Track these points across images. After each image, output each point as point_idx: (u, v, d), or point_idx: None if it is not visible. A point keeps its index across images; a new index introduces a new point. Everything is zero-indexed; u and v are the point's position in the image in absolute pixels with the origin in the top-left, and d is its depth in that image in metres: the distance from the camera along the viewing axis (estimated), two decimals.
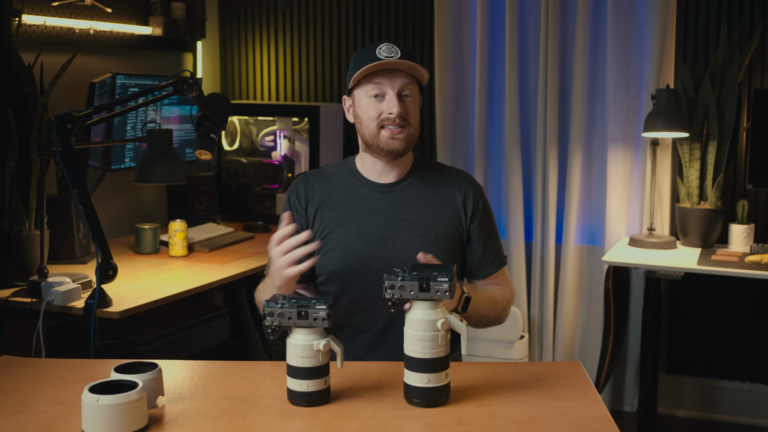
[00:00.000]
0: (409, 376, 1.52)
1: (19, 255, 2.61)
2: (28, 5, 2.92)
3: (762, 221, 3.37)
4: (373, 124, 1.91)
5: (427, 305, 1.51)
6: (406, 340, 1.52)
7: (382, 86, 1.90)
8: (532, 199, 3.63)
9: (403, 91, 1.91)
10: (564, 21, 3.51)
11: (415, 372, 1.51)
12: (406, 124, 1.91)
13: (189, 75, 2.35)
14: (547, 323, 3.60)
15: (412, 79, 1.92)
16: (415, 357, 1.51)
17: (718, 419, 3.55)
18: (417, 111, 1.95)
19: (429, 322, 1.50)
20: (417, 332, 1.50)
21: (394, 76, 1.89)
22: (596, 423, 1.49)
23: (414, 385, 1.52)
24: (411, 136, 1.93)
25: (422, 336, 1.50)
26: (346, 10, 3.91)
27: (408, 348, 1.52)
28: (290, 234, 1.74)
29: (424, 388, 1.51)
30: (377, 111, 1.90)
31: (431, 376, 1.51)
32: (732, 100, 3.16)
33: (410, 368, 1.52)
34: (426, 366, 1.50)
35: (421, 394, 1.52)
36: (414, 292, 1.50)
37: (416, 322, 1.51)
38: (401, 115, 1.89)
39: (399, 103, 1.89)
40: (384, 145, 1.92)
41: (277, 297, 1.56)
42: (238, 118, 3.88)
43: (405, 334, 1.52)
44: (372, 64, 1.87)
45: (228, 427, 1.46)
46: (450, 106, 3.69)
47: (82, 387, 1.42)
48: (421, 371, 1.51)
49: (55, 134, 2.21)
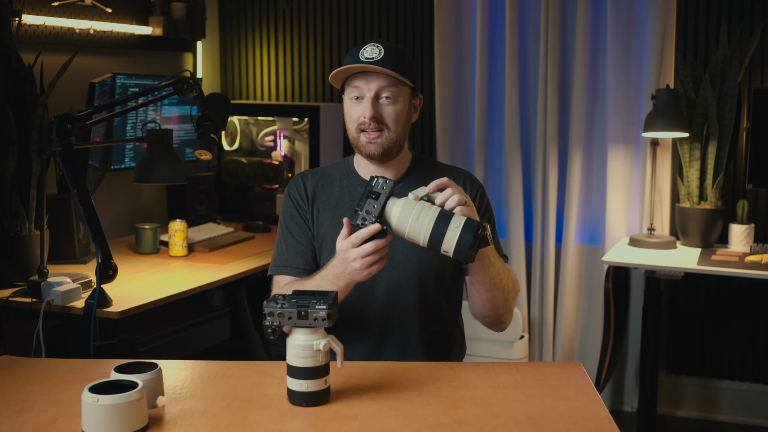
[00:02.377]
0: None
1: (19, 255, 2.61)
2: (28, 5, 2.92)
3: (762, 221, 3.37)
4: (353, 128, 1.89)
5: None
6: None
7: (361, 89, 1.87)
8: (532, 199, 3.63)
9: (382, 93, 1.86)
10: (564, 21, 3.51)
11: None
12: (384, 127, 1.87)
13: (189, 75, 2.35)
14: (547, 323, 3.60)
15: (395, 80, 1.87)
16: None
17: (718, 419, 3.55)
18: (400, 113, 1.88)
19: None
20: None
21: (371, 79, 1.86)
22: (596, 423, 1.49)
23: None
24: (390, 140, 1.88)
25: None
26: (346, 10, 3.91)
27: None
28: (368, 236, 1.65)
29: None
30: (356, 114, 1.88)
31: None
32: (732, 100, 3.16)
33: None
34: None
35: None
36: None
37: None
38: (374, 118, 1.85)
39: (373, 107, 1.85)
40: (362, 149, 1.90)
41: (277, 297, 1.56)
42: (238, 118, 3.88)
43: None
44: (344, 68, 1.85)
45: (228, 427, 1.46)
46: (450, 106, 3.69)
47: (82, 387, 1.42)
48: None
49: (55, 134, 2.21)
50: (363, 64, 1.84)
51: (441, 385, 1.65)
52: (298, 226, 1.98)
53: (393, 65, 1.85)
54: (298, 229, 1.97)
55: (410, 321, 1.94)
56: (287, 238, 1.98)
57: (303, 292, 1.58)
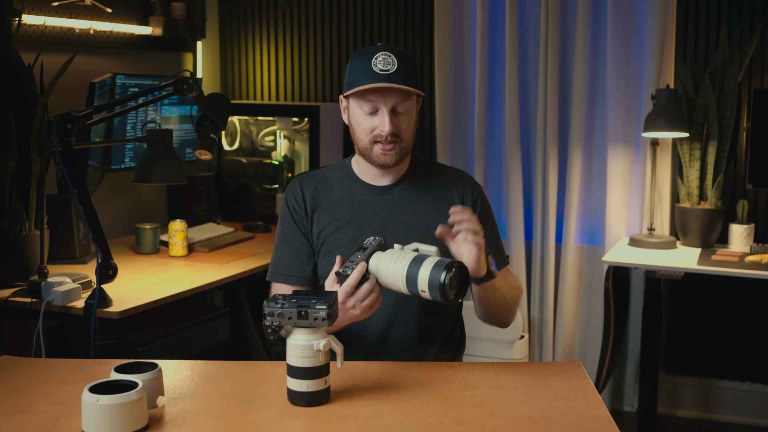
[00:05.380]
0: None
1: (19, 255, 2.61)
2: (28, 5, 2.92)
3: (762, 221, 3.37)
4: (366, 139, 1.90)
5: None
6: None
7: (376, 103, 1.87)
8: (532, 199, 3.63)
9: (397, 107, 1.88)
10: (564, 21, 3.51)
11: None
12: (398, 140, 1.89)
13: (189, 75, 2.35)
14: (547, 323, 3.60)
15: (409, 94, 1.88)
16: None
17: (718, 419, 3.55)
18: (411, 124, 1.92)
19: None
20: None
21: (387, 94, 1.86)
22: (596, 423, 1.49)
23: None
24: (403, 149, 1.91)
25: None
26: (346, 10, 3.91)
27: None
28: (359, 277, 1.68)
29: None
30: (370, 126, 1.89)
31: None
32: (732, 100, 3.16)
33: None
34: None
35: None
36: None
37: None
38: (393, 132, 1.87)
39: (390, 121, 1.86)
40: (376, 160, 1.91)
41: (277, 297, 1.56)
42: (238, 118, 3.88)
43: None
44: (365, 87, 1.85)
45: (228, 427, 1.46)
46: (450, 106, 3.69)
47: (82, 387, 1.42)
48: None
49: (55, 134, 2.21)
50: (383, 83, 1.84)
51: (441, 385, 1.65)
52: (293, 234, 1.98)
53: (407, 78, 1.86)
54: (293, 237, 1.98)
55: (410, 320, 1.94)
56: (283, 244, 2.00)
57: (303, 292, 1.59)
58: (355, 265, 1.68)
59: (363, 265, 1.67)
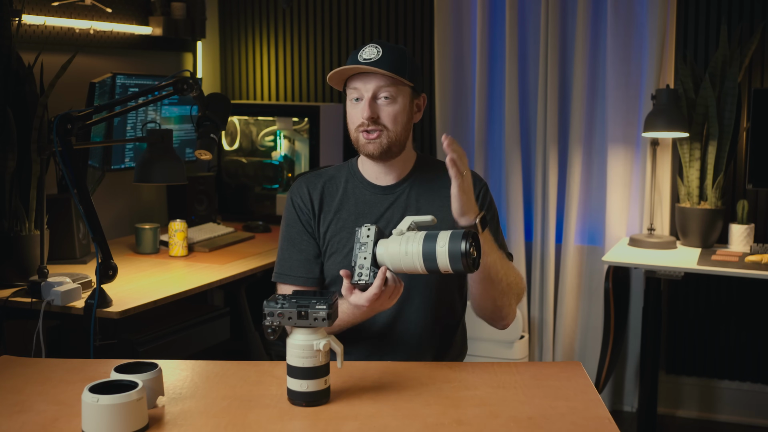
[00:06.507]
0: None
1: (19, 255, 2.61)
2: (28, 5, 2.92)
3: (762, 221, 3.37)
4: (353, 128, 1.90)
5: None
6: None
7: (359, 90, 1.87)
8: (532, 199, 3.63)
9: (380, 93, 1.86)
10: (564, 21, 3.51)
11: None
12: (382, 127, 1.86)
13: (189, 75, 2.35)
14: (547, 323, 3.60)
15: (393, 80, 1.86)
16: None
17: (718, 419, 3.55)
18: (399, 113, 1.87)
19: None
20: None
21: (368, 79, 1.85)
22: (596, 423, 1.49)
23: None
24: (389, 139, 1.88)
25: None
26: (346, 10, 3.91)
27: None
28: (380, 288, 1.65)
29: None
30: (355, 115, 1.89)
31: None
32: (732, 100, 3.16)
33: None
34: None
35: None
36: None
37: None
38: (372, 118, 1.85)
39: (371, 107, 1.85)
40: (362, 149, 1.91)
41: (277, 297, 1.56)
42: (238, 118, 3.88)
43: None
44: (340, 69, 1.85)
45: (228, 427, 1.46)
46: (450, 106, 3.69)
47: (82, 387, 1.42)
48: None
49: (55, 134, 2.21)
50: (359, 65, 1.84)
51: (441, 385, 1.65)
52: (300, 234, 1.97)
53: (391, 65, 1.85)
54: (300, 237, 1.97)
55: (410, 320, 1.94)
56: (289, 246, 1.98)
57: (303, 292, 1.59)
58: (366, 270, 1.64)
59: (384, 269, 1.64)
